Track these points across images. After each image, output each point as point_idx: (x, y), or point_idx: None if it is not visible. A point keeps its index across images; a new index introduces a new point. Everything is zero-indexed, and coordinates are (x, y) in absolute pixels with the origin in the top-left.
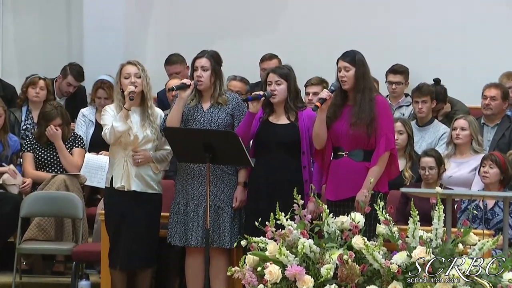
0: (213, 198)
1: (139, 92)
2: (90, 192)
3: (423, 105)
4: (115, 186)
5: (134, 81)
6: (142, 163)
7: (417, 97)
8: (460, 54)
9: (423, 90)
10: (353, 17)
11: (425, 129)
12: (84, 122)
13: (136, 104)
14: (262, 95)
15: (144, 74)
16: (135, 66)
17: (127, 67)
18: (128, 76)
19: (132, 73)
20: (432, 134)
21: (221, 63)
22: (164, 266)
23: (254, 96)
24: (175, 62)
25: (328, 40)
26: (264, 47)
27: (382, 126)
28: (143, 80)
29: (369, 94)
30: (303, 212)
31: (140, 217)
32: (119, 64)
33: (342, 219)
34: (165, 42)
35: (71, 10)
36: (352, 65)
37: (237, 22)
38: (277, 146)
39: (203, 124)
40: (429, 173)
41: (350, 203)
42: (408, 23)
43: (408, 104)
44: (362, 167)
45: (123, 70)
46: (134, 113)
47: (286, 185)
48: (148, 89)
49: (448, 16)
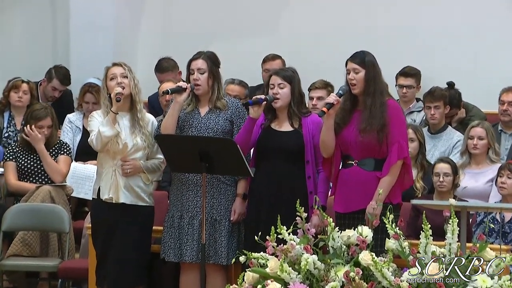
0: (209, 210)
1: (127, 95)
2: (77, 204)
3: (435, 111)
4: (102, 197)
5: (121, 82)
6: (132, 173)
7: (429, 102)
8: (475, 56)
9: (435, 95)
10: (360, 16)
11: (437, 136)
12: (70, 129)
13: (125, 110)
14: (264, 99)
15: (131, 74)
16: (121, 67)
17: (112, 68)
18: (114, 77)
19: (118, 73)
20: (445, 142)
21: (219, 64)
22: (157, 283)
23: (255, 100)
24: (166, 69)
25: (334, 41)
26: (264, 47)
27: (394, 132)
28: (130, 81)
29: (380, 98)
30: (306, 226)
31: (129, 232)
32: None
33: (348, 233)
34: (158, 43)
35: (57, 8)
36: (361, 67)
37: (235, 21)
38: (279, 155)
39: (200, 131)
40: (443, 180)
41: (361, 216)
42: (420, 23)
43: (419, 109)
44: (373, 177)
45: (108, 72)
46: (123, 118)
47: (289, 197)
48: (137, 91)
49: (463, 16)
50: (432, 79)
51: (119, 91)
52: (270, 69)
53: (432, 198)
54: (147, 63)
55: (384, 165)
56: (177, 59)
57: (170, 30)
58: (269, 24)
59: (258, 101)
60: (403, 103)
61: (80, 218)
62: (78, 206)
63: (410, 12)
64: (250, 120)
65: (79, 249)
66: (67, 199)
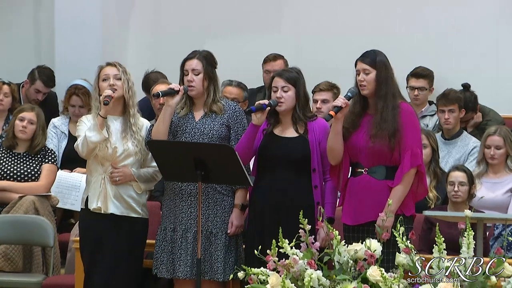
0: (204, 223)
1: (119, 98)
2: (62, 215)
3: (450, 115)
4: (90, 207)
5: (113, 84)
6: (122, 181)
7: (443, 105)
8: (492, 56)
9: (450, 97)
10: (369, 12)
11: (452, 142)
12: (55, 134)
13: (117, 113)
14: (267, 105)
15: (125, 76)
16: (115, 67)
17: (106, 68)
18: (107, 78)
19: (111, 75)
20: (460, 149)
21: (215, 65)
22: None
23: (258, 106)
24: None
25: (340, 39)
26: (265, 46)
27: (407, 138)
28: (123, 84)
29: (393, 101)
30: (310, 239)
31: (119, 245)
32: (96, 67)
33: (355, 247)
34: (149, 42)
35: (40, 4)
36: (372, 67)
37: (234, 17)
38: (283, 163)
39: (194, 136)
40: (458, 190)
41: (371, 229)
42: (433, 20)
43: (432, 113)
44: (384, 186)
45: (101, 72)
46: (115, 121)
47: (294, 209)
48: (131, 94)
49: (479, 13)
50: (446, 81)
51: (108, 93)
52: (271, 70)
53: (446, 209)
54: (137, 63)
55: (396, 174)
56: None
57: (162, 28)
58: (270, 21)
59: (262, 107)
60: (414, 107)
61: (66, 231)
62: (64, 217)
63: (422, 9)
64: (253, 127)
65: (64, 264)
66: (52, 210)
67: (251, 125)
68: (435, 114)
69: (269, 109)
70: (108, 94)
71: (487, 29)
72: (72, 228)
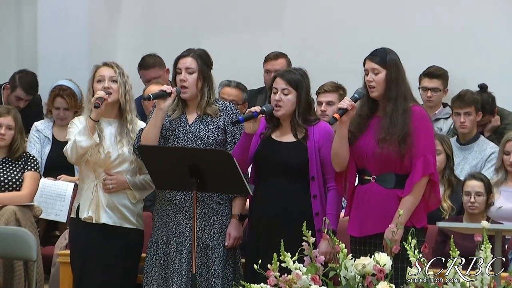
0: (200, 235)
1: (114, 102)
2: (46, 227)
3: (465, 118)
4: (81, 217)
5: (108, 87)
6: (115, 189)
7: (458, 107)
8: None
9: (465, 99)
10: (378, 8)
11: (468, 148)
12: (38, 139)
13: (113, 116)
14: (260, 112)
15: (122, 79)
16: (112, 69)
17: (102, 69)
18: (102, 80)
19: (107, 76)
20: (477, 155)
21: (210, 65)
22: None
23: (247, 115)
24: (153, 65)
25: (347, 37)
26: (266, 44)
27: (419, 144)
28: (119, 87)
29: (403, 104)
30: (314, 253)
31: (111, 258)
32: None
33: (363, 261)
34: (139, 40)
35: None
36: (382, 67)
37: (231, 13)
38: (279, 170)
39: (188, 141)
40: (475, 201)
41: (379, 241)
42: (447, 17)
43: (447, 116)
44: (394, 196)
45: (96, 73)
46: (109, 126)
47: (292, 220)
48: (128, 99)
49: (496, 9)
50: (461, 81)
51: (100, 95)
52: (272, 69)
53: (461, 220)
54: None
55: (407, 183)
56: (163, 57)
57: (155, 24)
58: (270, 16)
59: (252, 116)
60: (427, 109)
61: (50, 244)
62: (48, 229)
63: (435, 5)
64: (245, 137)
65: (48, 280)
66: (35, 221)
67: (243, 134)
68: (449, 117)
69: (262, 116)
70: (100, 96)
71: (506, 26)
72: (56, 241)
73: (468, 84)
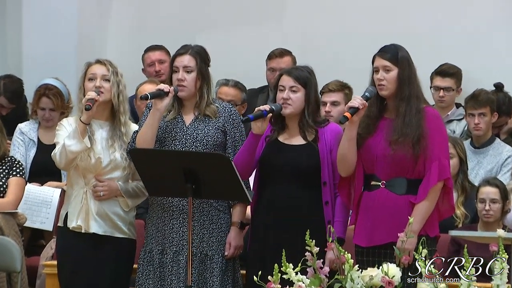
0: (199, 244)
1: (106, 102)
2: (31, 236)
3: (480, 119)
4: (69, 226)
5: (100, 86)
6: (106, 197)
7: (472, 108)
8: None
9: (480, 99)
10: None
11: (483, 151)
12: (22, 142)
13: (104, 118)
14: (269, 111)
15: (115, 78)
16: (104, 67)
17: (94, 66)
18: (93, 78)
19: (99, 74)
20: (492, 158)
21: (208, 62)
22: None
23: (257, 113)
24: (160, 48)
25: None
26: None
27: (434, 146)
28: (112, 87)
29: (417, 104)
30: (318, 263)
31: (102, 270)
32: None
33: (371, 273)
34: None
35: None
36: (394, 64)
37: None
38: (288, 175)
39: (186, 143)
40: (490, 208)
41: (389, 252)
42: (460, 12)
43: (460, 117)
44: (406, 202)
45: (88, 71)
46: (101, 129)
47: (302, 228)
48: (121, 100)
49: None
50: (475, 80)
51: (91, 96)
52: (277, 68)
53: (476, 228)
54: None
55: (421, 187)
56: None
57: (147, 19)
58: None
59: (262, 115)
60: (439, 110)
61: (35, 254)
62: (33, 238)
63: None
64: (253, 137)
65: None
66: (19, 229)
67: (251, 135)
68: (463, 118)
69: (271, 115)
70: (91, 97)
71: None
72: (42, 251)
73: (483, 83)
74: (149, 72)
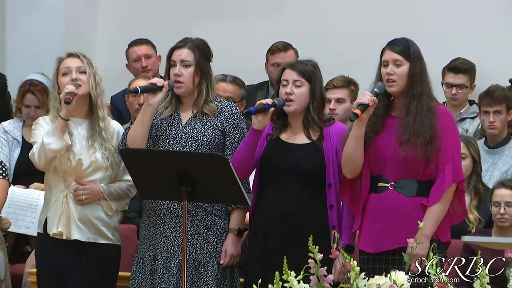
0: (192, 250)
1: (84, 96)
2: (15, 242)
3: (495, 117)
4: (49, 232)
5: (76, 78)
6: (88, 201)
7: (487, 105)
8: None
9: (495, 96)
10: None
11: (498, 151)
12: (6, 141)
13: (82, 115)
14: (271, 105)
15: (91, 69)
16: (78, 59)
17: (67, 60)
18: (68, 72)
19: (73, 67)
20: (508, 159)
21: (210, 57)
22: None
23: (259, 107)
24: (145, 42)
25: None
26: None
27: (447, 148)
28: (89, 78)
29: (428, 102)
30: (322, 271)
31: (85, 278)
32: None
33: (378, 281)
34: (123, 26)
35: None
36: (405, 59)
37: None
38: (291, 176)
39: (181, 143)
40: (505, 212)
41: (397, 258)
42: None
43: (473, 115)
44: (417, 205)
45: (61, 65)
46: (79, 126)
47: (304, 234)
48: (99, 92)
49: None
50: (490, 76)
51: (70, 89)
52: (281, 63)
53: (490, 233)
54: (108, 52)
55: (433, 189)
56: None
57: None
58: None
59: (264, 108)
60: (452, 108)
61: (20, 261)
62: (17, 244)
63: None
64: (253, 133)
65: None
66: (3, 235)
67: (251, 130)
68: (476, 116)
69: (273, 110)
70: (70, 91)
71: None
72: (27, 258)
73: (498, 79)
74: (135, 67)
